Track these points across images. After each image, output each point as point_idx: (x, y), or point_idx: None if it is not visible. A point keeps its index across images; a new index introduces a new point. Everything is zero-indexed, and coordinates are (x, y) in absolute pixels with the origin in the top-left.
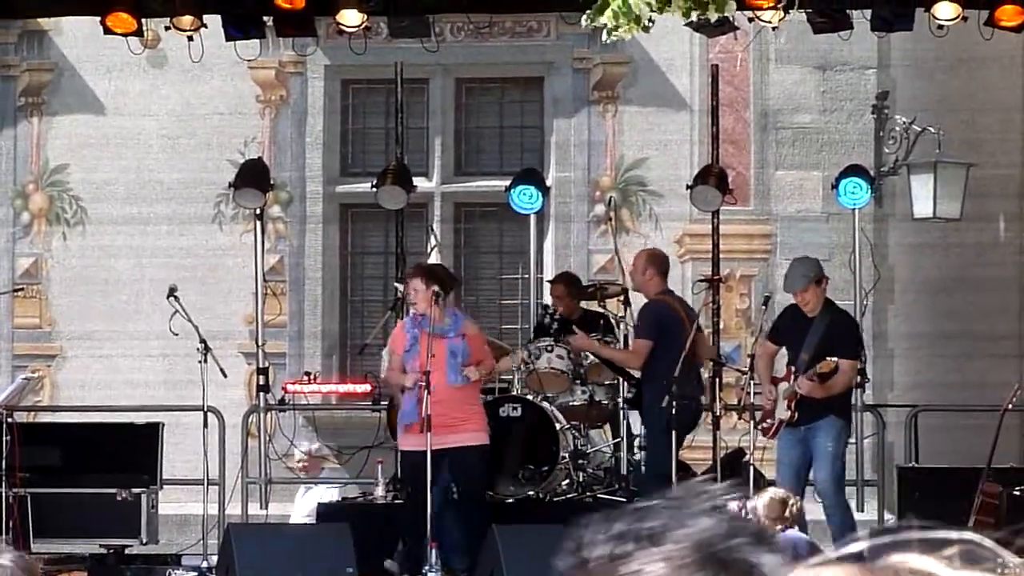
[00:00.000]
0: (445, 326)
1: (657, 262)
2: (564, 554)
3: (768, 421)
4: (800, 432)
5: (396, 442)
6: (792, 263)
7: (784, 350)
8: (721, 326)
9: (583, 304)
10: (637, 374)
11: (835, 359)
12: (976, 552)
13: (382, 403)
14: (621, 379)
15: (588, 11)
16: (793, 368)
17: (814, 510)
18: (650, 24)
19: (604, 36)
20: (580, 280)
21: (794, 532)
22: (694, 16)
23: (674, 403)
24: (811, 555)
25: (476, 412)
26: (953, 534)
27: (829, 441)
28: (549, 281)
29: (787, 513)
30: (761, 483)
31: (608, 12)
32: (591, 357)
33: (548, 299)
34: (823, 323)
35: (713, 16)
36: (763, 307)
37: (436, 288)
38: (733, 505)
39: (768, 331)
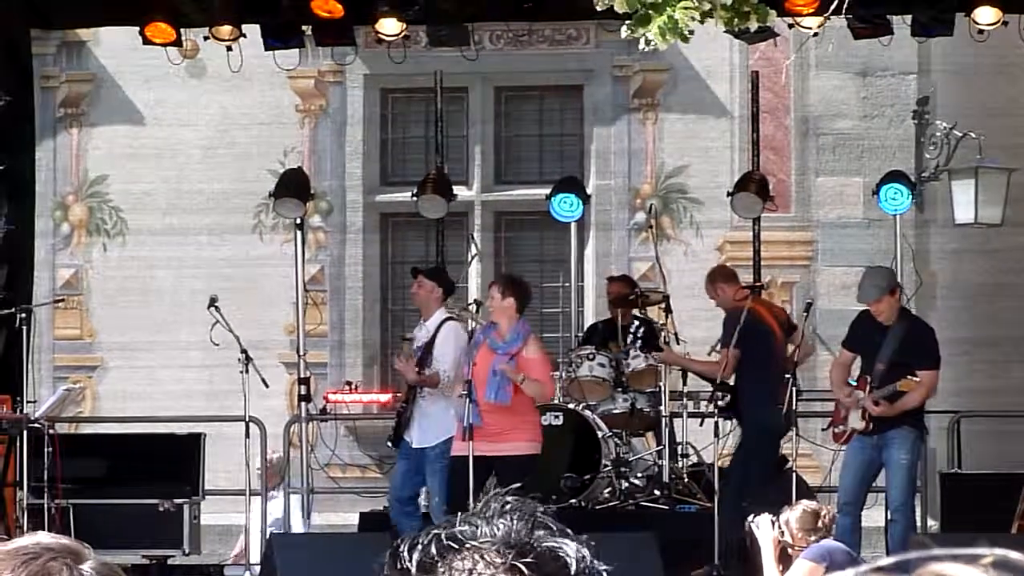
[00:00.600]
0: (503, 342)
1: (718, 276)
2: (379, 568)
3: (840, 427)
4: (873, 440)
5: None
6: (865, 272)
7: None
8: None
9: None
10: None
11: (915, 378)
12: (1011, 562)
13: None
14: (713, 389)
15: (628, 22)
16: (868, 378)
17: (872, 516)
18: (690, 35)
19: (642, 45)
20: (635, 282)
21: (829, 541)
22: (737, 25)
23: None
24: (848, 563)
25: (526, 422)
26: (986, 549)
27: (903, 453)
28: (609, 279)
29: (820, 524)
30: (804, 489)
31: (655, 28)
32: (632, 365)
33: (589, 307)
34: (899, 332)
35: (754, 25)
36: (804, 313)
37: (513, 301)
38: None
39: (843, 340)
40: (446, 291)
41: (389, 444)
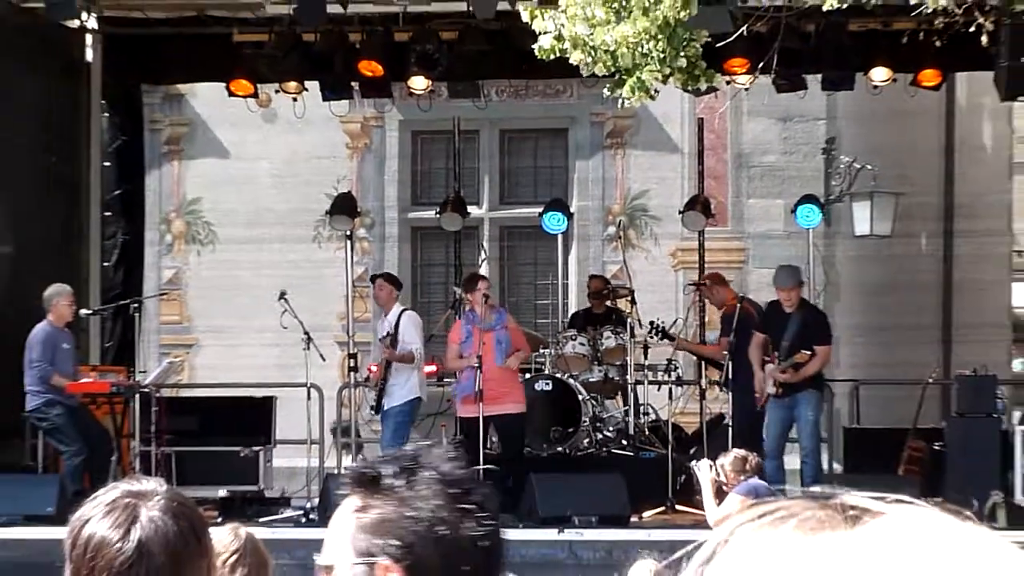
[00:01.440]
0: (492, 321)
1: (714, 281)
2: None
3: (758, 395)
4: (785, 401)
5: (455, 410)
6: (779, 267)
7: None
8: (706, 319)
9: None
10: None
11: (808, 352)
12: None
13: (445, 380)
14: (716, 367)
15: (608, 84)
16: (776, 353)
17: (791, 462)
18: (656, 94)
19: (620, 104)
20: (609, 281)
21: (755, 480)
22: (690, 86)
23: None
24: (769, 497)
25: (516, 387)
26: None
27: (810, 411)
28: (590, 276)
29: (747, 467)
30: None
31: (626, 88)
32: (605, 344)
33: (572, 300)
34: (800, 317)
35: (703, 86)
36: (737, 304)
37: (484, 291)
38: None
39: (756, 326)
40: (398, 289)
41: (372, 411)
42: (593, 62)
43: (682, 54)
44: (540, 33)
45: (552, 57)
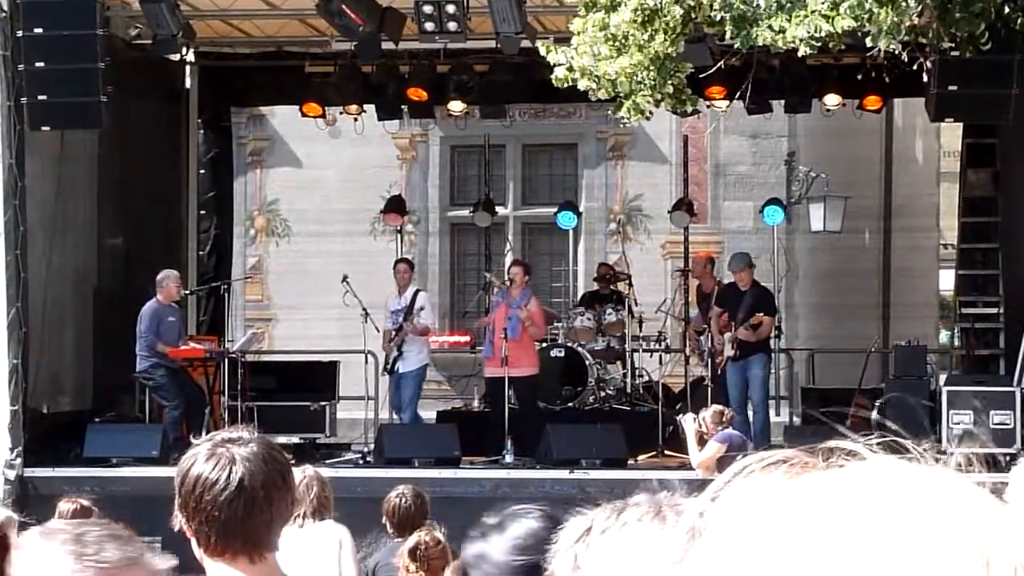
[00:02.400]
0: (515, 300)
1: (707, 262)
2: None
3: (720, 359)
4: (740, 364)
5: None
6: (734, 254)
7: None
8: (690, 299)
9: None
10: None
11: (762, 315)
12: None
13: (477, 347)
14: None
15: (611, 107)
16: (733, 323)
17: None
18: (650, 115)
19: (622, 123)
20: (613, 267)
21: (730, 430)
22: (678, 108)
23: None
24: (743, 446)
25: (529, 354)
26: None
27: (759, 370)
28: (600, 264)
29: (723, 419)
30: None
31: (624, 109)
32: (607, 319)
33: (580, 283)
34: (752, 294)
35: (688, 108)
36: (715, 287)
37: (525, 275)
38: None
39: (715, 302)
40: (413, 271)
41: (386, 372)
42: (598, 88)
43: (669, 82)
44: (554, 65)
45: (565, 85)
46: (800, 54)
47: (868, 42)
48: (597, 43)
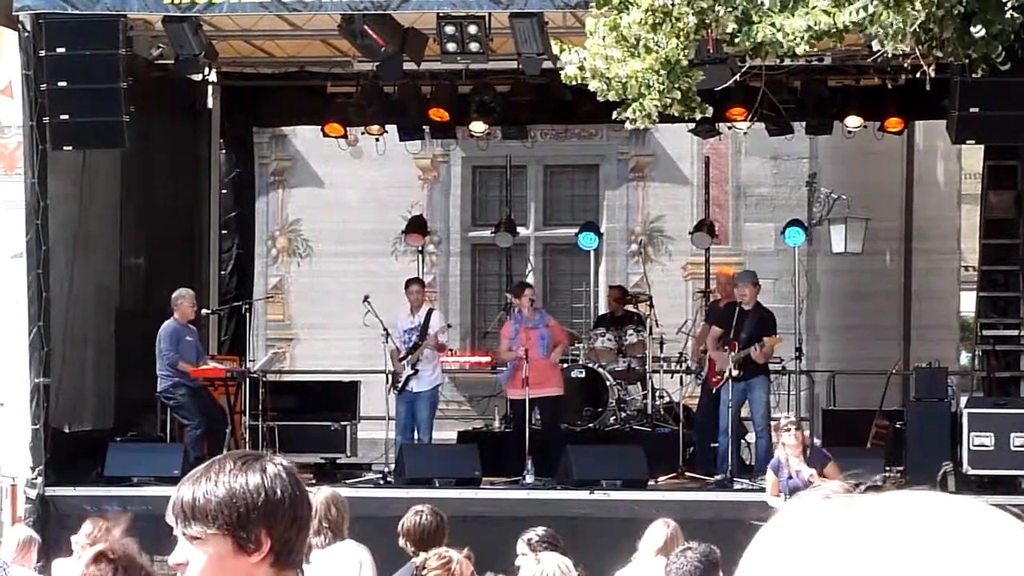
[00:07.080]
0: (536, 320)
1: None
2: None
3: (716, 378)
4: (741, 385)
5: (505, 393)
6: (741, 272)
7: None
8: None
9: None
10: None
11: (774, 336)
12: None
13: (498, 369)
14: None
15: (618, 109)
16: (736, 343)
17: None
18: (656, 120)
19: (627, 124)
20: (626, 289)
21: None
22: (687, 115)
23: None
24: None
25: (556, 374)
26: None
27: (762, 393)
28: (610, 286)
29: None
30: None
31: (630, 111)
32: (628, 340)
33: (601, 304)
34: (756, 314)
35: (698, 115)
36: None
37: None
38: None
39: (708, 320)
40: (425, 290)
41: (395, 390)
42: (608, 90)
43: (676, 86)
44: (566, 64)
45: (574, 83)
46: (800, 52)
47: (875, 45)
48: (608, 48)
